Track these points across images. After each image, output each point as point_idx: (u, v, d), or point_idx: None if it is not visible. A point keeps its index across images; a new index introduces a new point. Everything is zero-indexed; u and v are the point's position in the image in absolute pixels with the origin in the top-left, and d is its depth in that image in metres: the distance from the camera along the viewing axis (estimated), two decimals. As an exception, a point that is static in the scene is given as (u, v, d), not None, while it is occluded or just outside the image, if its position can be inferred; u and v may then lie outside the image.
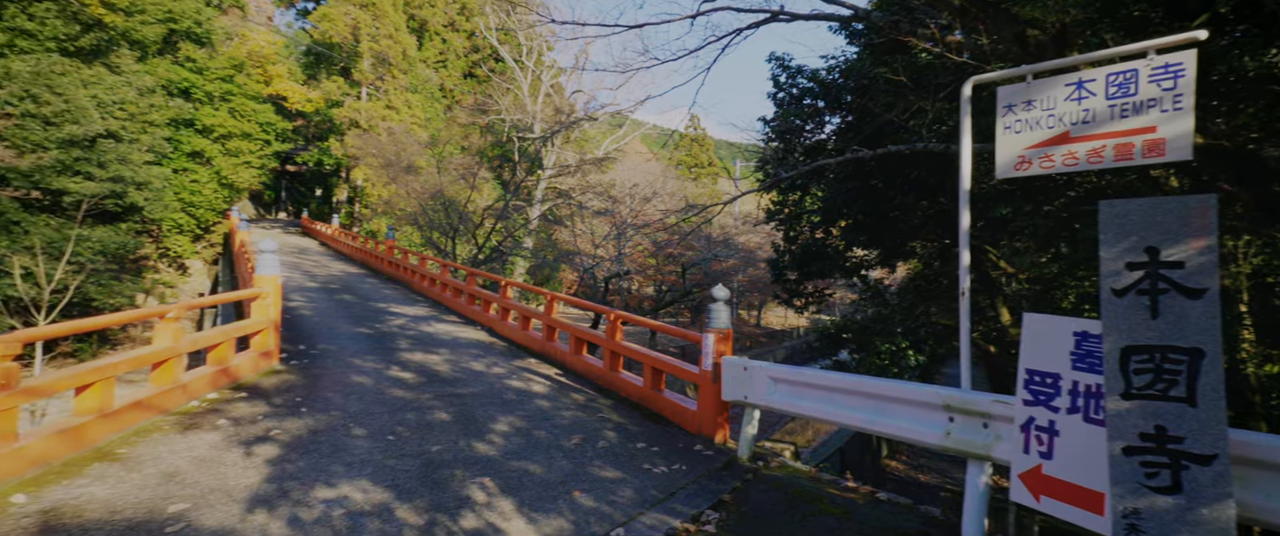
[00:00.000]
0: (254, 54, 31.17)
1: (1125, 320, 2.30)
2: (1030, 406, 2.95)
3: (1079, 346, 2.76)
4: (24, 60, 17.52)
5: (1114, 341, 2.32)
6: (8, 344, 3.98)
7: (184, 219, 25.40)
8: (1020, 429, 3.00)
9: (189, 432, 5.11)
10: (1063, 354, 2.82)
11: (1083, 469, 2.71)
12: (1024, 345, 3.01)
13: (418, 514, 3.93)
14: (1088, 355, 2.72)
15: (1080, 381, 2.74)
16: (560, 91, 31.00)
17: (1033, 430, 2.93)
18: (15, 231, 17.18)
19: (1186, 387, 2.16)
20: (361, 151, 29.11)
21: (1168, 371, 2.20)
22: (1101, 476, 2.55)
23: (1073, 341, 2.78)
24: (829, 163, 7.57)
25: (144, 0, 21.82)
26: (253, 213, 38.51)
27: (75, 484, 4.00)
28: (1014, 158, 3.53)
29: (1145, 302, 2.26)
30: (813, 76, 10.58)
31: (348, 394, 6.62)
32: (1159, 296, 2.23)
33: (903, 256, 12.99)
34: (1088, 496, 2.68)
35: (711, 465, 5.32)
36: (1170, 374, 2.19)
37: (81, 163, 18.33)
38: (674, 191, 32.18)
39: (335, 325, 10.81)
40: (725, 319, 6.24)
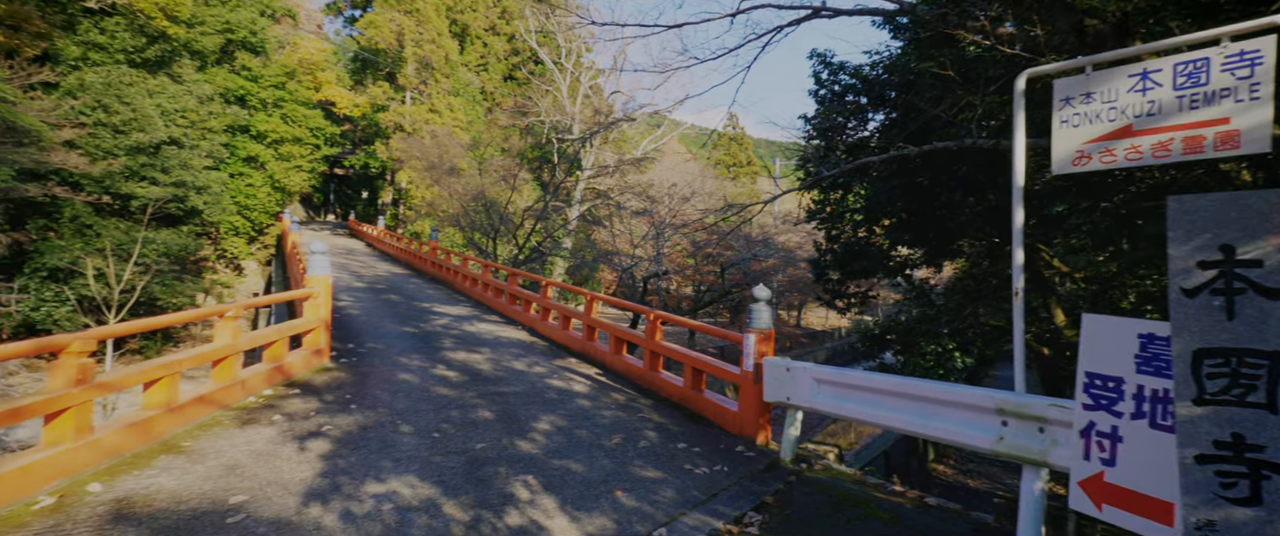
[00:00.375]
0: (305, 61, 32.28)
1: (1197, 322, 2.18)
2: (1090, 411, 2.83)
3: (1144, 349, 2.63)
4: (96, 72, 18.52)
5: (1185, 344, 2.20)
6: (85, 341, 4.21)
7: (240, 221, 26.47)
8: (1080, 434, 2.87)
9: (247, 427, 5.31)
10: (1126, 357, 2.69)
11: (1149, 477, 2.58)
12: (1083, 347, 2.89)
13: (463, 510, 4.00)
14: (1154, 358, 2.60)
15: (1146, 385, 2.62)
16: (599, 92, 31.18)
17: (1094, 435, 2.81)
18: (88, 234, 18.18)
19: (1267, 393, 2.03)
20: (406, 154, 29.82)
21: (1245, 376, 2.08)
22: (1171, 485, 2.43)
23: (1137, 344, 2.65)
24: (872, 160, 7.40)
25: (204, 12, 22.83)
26: (303, 215, 39.89)
27: (144, 474, 4.20)
28: (1071, 152, 3.39)
29: (1220, 303, 2.14)
30: (855, 73, 10.36)
31: (395, 391, 6.79)
32: (1235, 297, 2.11)
33: (949, 255, 12.62)
34: (1155, 506, 2.55)
35: (753, 467, 5.27)
36: (1248, 379, 2.07)
37: (147, 168, 19.29)
38: (712, 191, 32.01)
39: (382, 324, 11.09)
40: (767, 319, 6.17)
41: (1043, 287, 9.09)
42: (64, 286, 17.47)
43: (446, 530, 3.71)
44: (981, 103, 6.11)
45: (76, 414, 4.15)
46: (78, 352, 4.22)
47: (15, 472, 3.67)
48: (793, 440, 5.52)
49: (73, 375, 4.17)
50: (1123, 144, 3.19)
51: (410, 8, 32.44)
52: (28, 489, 3.73)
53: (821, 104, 11.20)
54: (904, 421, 4.43)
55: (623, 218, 28.24)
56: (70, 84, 18.18)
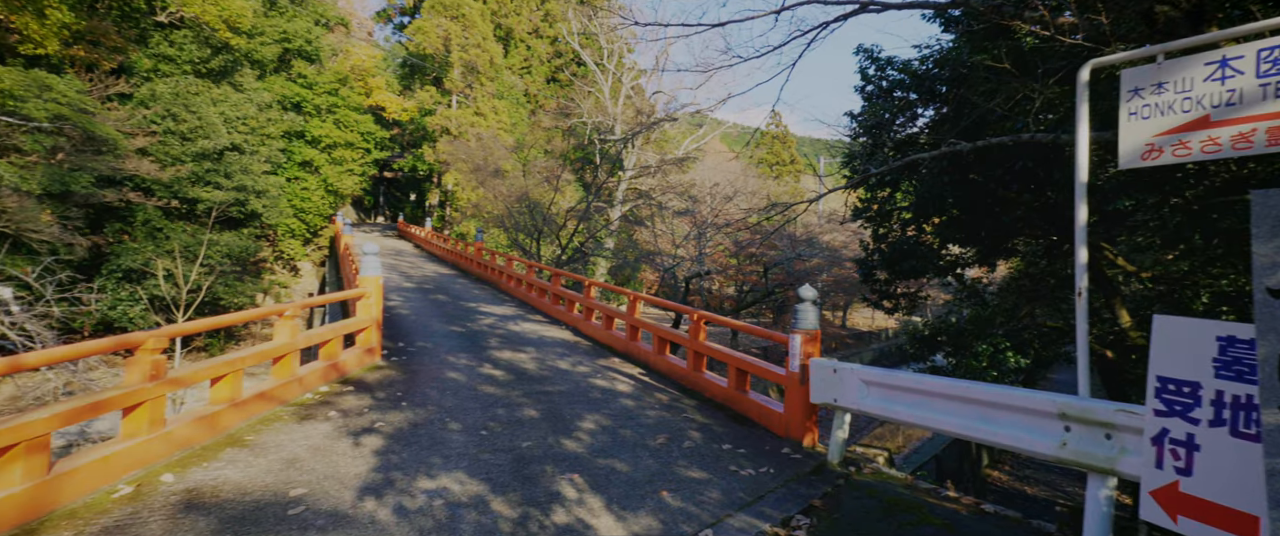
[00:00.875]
0: (356, 68, 33.35)
1: (1284, 324, 2.04)
2: (1163, 417, 2.68)
3: (1224, 353, 2.48)
4: (165, 82, 19.54)
5: (1271, 347, 2.06)
6: (158, 338, 4.45)
7: (296, 224, 27.52)
8: (1151, 441, 2.73)
9: (305, 422, 5.51)
10: (1203, 360, 2.54)
11: (1230, 488, 2.43)
12: (1154, 350, 2.74)
13: (511, 507, 4.06)
14: (1235, 362, 2.44)
15: (1226, 391, 2.47)
16: (640, 93, 31.26)
17: (1167, 443, 2.67)
18: (159, 237, 19.19)
19: (1364, 401, 1.89)
20: (452, 157, 30.49)
21: (1340, 383, 1.94)
22: (1255, 497, 2.29)
23: (1216, 347, 2.50)
24: (922, 157, 7.20)
25: (263, 22, 23.82)
26: (355, 217, 41.24)
27: (211, 466, 4.40)
28: (1140, 146, 3.23)
29: (1310, 304, 2.00)
30: (904, 68, 10.11)
31: (443, 389, 6.94)
32: (1328, 297, 1.97)
33: (1003, 254, 12.19)
34: (1237, 519, 2.40)
35: (800, 469, 5.20)
36: (1343, 385, 1.93)
37: (211, 174, 20.24)
38: (755, 190, 31.72)
39: (430, 323, 11.36)
40: (813, 319, 6.08)
41: (1105, 287, 8.69)
42: (137, 286, 18.48)
43: (495, 526, 3.77)
44: (1040, 95, 5.87)
45: (150, 408, 4.38)
46: (151, 350, 4.46)
47: (97, 462, 3.89)
48: (840, 443, 5.41)
49: (147, 371, 4.40)
50: (1198, 136, 3.01)
51: (456, 13, 33.16)
52: (108, 478, 3.95)
53: (868, 100, 10.97)
54: (958, 425, 4.29)
55: (664, 218, 28.24)
56: (143, 94, 19.23)
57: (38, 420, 3.52)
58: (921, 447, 13.89)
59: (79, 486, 3.76)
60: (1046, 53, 6.45)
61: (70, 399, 3.98)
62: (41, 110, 13.51)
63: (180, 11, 19.54)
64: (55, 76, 14.89)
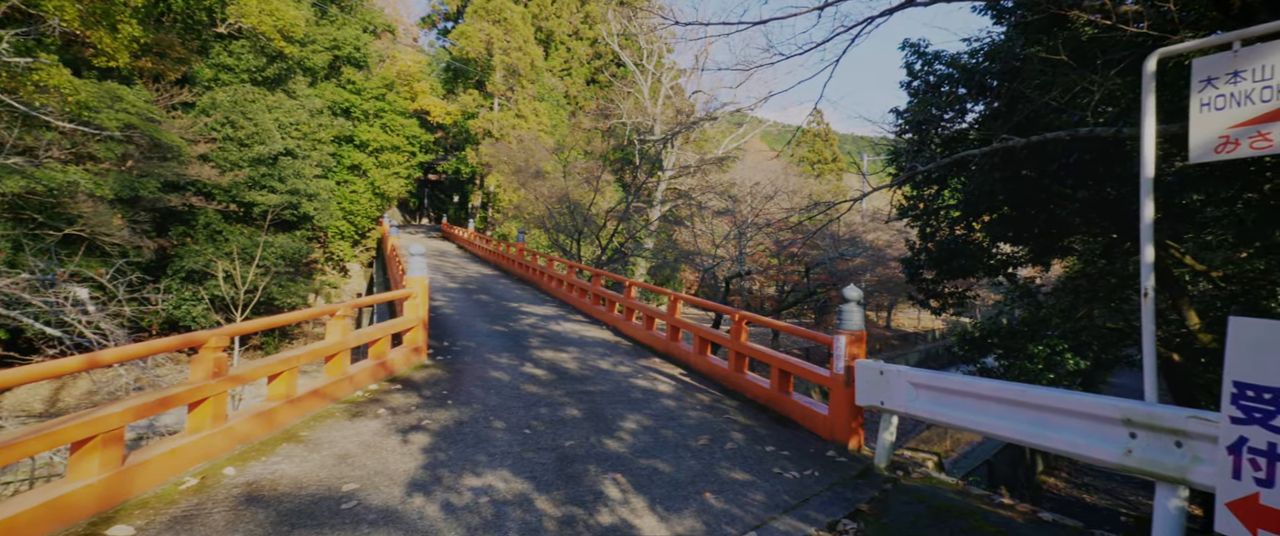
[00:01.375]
0: (402, 73, 34.23)
1: (1379, 328, 1.90)
2: (1241, 424, 2.54)
3: (1308, 358, 2.33)
4: (224, 91, 20.42)
5: (1363, 353, 1.93)
6: (220, 337, 4.64)
7: (345, 226, 28.40)
8: (1227, 450, 2.58)
9: (356, 420, 5.68)
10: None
11: (1316, 503, 2.28)
12: (1230, 354, 2.59)
13: (555, 505, 4.10)
14: (1321, 369, 2.29)
15: (1311, 400, 2.32)
16: (680, 93, 31.20)
17: (1245, 453, 2.52)
18: (218, 239, 20.07)
19: None
20: (494, 159, 30.99)
21: None
22: (1344, 514, 2.14)
23: (1299, 352, 2.35)
24: (972, 153, 6.97)
25: (315, 31, 24.67)
26: (400, 219, 42.34)
27: (269, 461, 4.58)
28: (1214, 138, 3.06)
29: None
30: (952, 62, 9.81)
31: (487, 388, 7.06)
32: None
33: (1058, 253, 11.72)
34: (1324, 537, 2.25)
35: (846, 472, 5.10)
36: None
37: (267, 178, 21.06)
38: (796, 189, 31.28)
39: (473, 323, 11.57)
40: (858, 320, 5.96)
41: (1172, 287, 8.27)
42: (199, 287, 19.36)
43: (539, 525, 3.81)
44: (1099, 88, 5.61)
45: (213, 403, 4.58)
46: (214, 348, 4.66)
47: (166, 455, 4.09)
48: (888, 446, 5.29)
49: (210, 368, 4.61)
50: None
51: (498, 17, 33.70)
52: (176, 469, 4.15)
53: (914, 96, 10.70)
54: (1013, 430, 4.15)
55: (704, 217, 28.12)
56: (204, 103, 20.14)
57: (112, 414, 3.72)
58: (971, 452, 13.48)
59: (150, 477, 3.95)
60: (1106, 43, 6.17)
61: (140, 394, 4.19)
62: (113, 120, 14.29)
63: (238, 22, 20.39)
64: (125, 87, 15.72)
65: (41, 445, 3.37)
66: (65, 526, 3.41)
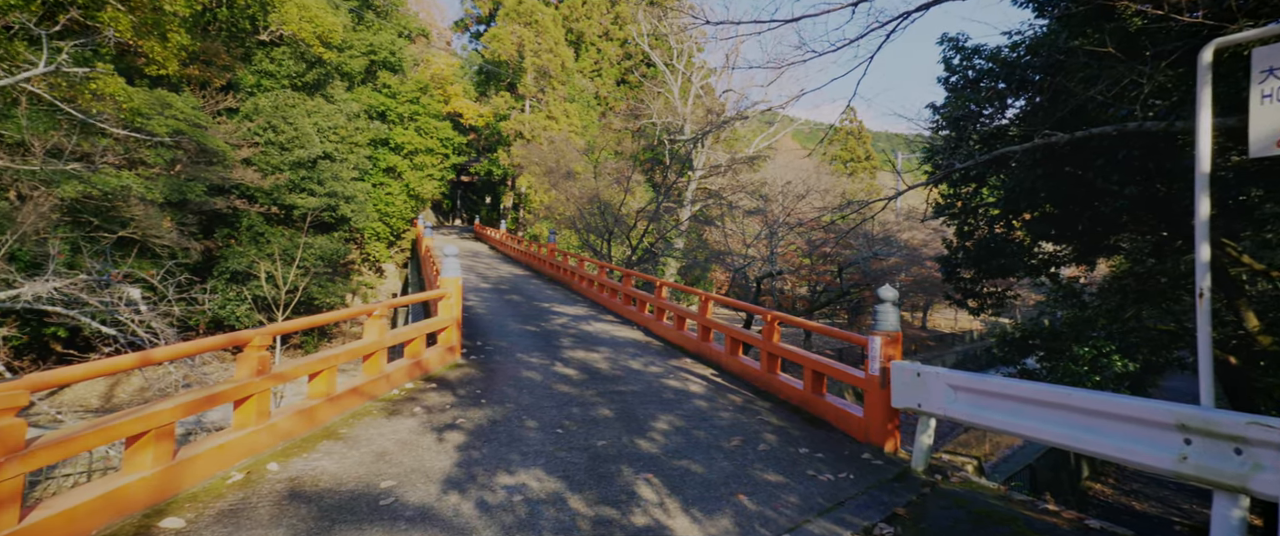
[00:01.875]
0: (436, 76, 34.80)
1: None
2: (1306, 434, 2.41)
3: (1382, 363, 2.20)
4: (266, 97, 21.05)
5: None
6: (264, 336, 4.78)
7: (380, 227, 28.99)
8: (1291, 461, 2.46)
9: (392, 418, 5.79)
10: (1356, 372, 2.27)
11: (1390, 517, 2.16)
12: (1295, 359, 2.47)
13: (588, 505, 4.12)
14: (1396, 374, 2.16)
15: (1385, 407, 2.19)
16: (710, 92, 31.07)
17: (1310, 464, 2.40)
18: (261, 241, 20.69)
19: None
20: (525, 160, 31.29)
21: None
22: None
23: (1372, 356, 2.23)
24: (1013, 150, 6.77)
25: (352, 37, 25.25)
26: (434, 220, 43.06)
27: (311, 457, 4.69)
28: (1275, 131, 2.92)
29: None
30: (992, 56, 9.55)
31: (520, 388, 7.13)
32: None
33: (1104, 251, 11.32)
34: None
35: (882, 475, 5.01)
36: None
37: (306, 181, 21.64)
38: (829, 188, 30.88)
39: (505, 323, 11.69)
40: (894, 321, 5.86)
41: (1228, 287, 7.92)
42: (242, 287, 19.98)
43: (573, 524, 3.83)
44: (1149, 81, 5.39)
45: (258, 401, 4.72)
46: (258, 347, 4.80)
47: (214, 450, 4.23)
48: (926, 449, 5.19)
49: (254, 366, 4.75)
50: (1346, 119, 2.69)
51: (530, 19, 34.02)
52: (223, 464, 4.29)
53: (952, 92, 10.45)
54: (1058, 434, 4.02)
55: (735, 217, 27.95)
56: (247, 108, 20.79)
57: (164, 410, 3.86)
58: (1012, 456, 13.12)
59: (199, 472, 4.09)
60: (1157, 34, 5.93)
61: (190, 391, 4.34)
62: (163, 126, 14.84)
63: (280, 29, 20.98)
64: (174, 95, 16.32)
65: (99, 439, 3.52)
66: (121, 517, 3.55)
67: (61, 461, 3.85)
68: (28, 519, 3.09)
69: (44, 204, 11.90)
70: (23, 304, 7.89)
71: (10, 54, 10.08)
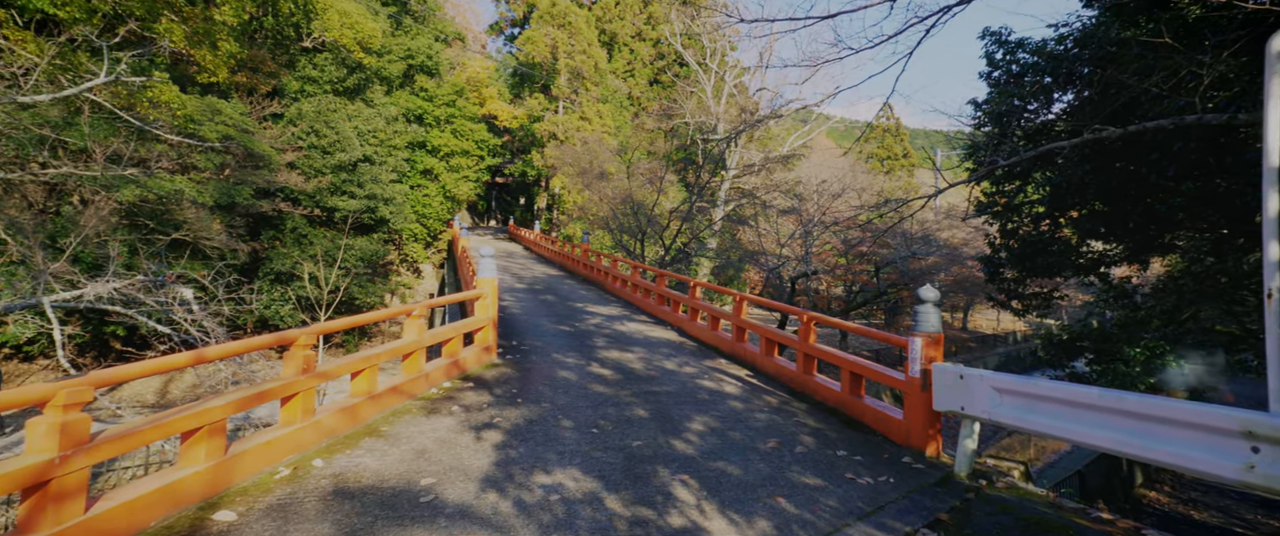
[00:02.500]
0: (471, 79, 35.33)
1: None
2: (1388, 445, 2.27)
3: None
4: (309, 102, 21.66)
5: None
6: (309, 335, 4.92)
7: (418, 228, 29.56)
8: (1371, 473, 2.32)
9: (432, 416, 5.89)
10: None
11: None
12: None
13: (624, 505, 4.12)
14: None
15: None
16: (743, 91, 30.85)
17: (1393, 476, 2.25)
18: (304, 242, 21.29)
19: None
20: (559, 161, 31.54)
21: None
22: None
23: None
24: (1061, 146, 6.54)
25: (390, 42, 25.81)
26: (469, 221, 43.71)
27: (353, 454, 4.81)
28: (1351, 123, 2.75)
29: None
30: (1036, 50, 9.26)
31: (555, 387, 7.18)
32: None
33: (1158, 250, 10.88)
34: None
35: (923, 480, 4.90)
36: None
37: (347, 184, 22.19)
38: (865, 186, 30.35)
39: (540, 323, 11.80)
40: (935, 322, 5.73)
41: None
42: (287, 288, 20.59)
43: (610, 525, 3.84)
44: (1209, 71, 5.15)
45: (303, 398, 4.85)
46: (303, 346, 4.94)
47: (263, 446, 4.36)
48: (969, 453, 5.05)
49: (300, 365, 4.88)
50: None
51: (563, 21, 34.29)
52: (271, 460, 4.42)
53: (995, 87, 10.18)
54: (1112, 440, 3.87)
55: (769, 217, 27.69)
56: (291, 114, 21.42)
57: (216, 406, 4.00)
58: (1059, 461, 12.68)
59: (248, 467, 4.23)
60: (1218, 23, 5.66)
61: (239, 388, 4.49)
62: (214, 132, 15.40)
63: (322, 36, 21.57)
64: (223, 102, 16.91)
65: (157, 434, 3.66)
66: (177, 510, 3.69)
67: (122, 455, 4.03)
68: (92, 510, 3.23)
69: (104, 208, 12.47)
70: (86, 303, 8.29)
71: (74, 65, 10.59)
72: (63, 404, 3.11)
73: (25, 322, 11.67)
